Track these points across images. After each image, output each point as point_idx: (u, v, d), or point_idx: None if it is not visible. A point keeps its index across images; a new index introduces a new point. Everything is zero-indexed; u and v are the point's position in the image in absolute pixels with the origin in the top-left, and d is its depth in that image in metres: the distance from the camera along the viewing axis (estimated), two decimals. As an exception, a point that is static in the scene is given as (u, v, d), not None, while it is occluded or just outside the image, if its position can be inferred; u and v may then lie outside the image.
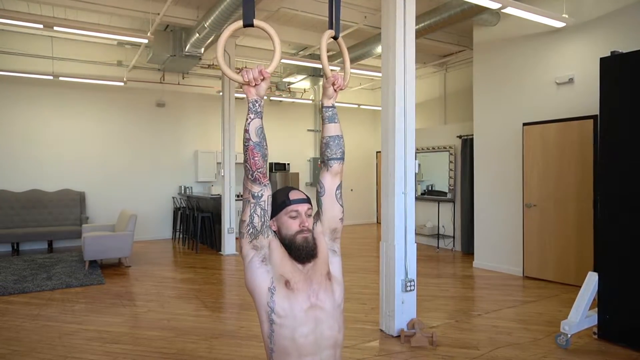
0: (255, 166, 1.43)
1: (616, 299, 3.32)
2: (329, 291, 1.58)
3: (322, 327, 1.54)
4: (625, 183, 3.30)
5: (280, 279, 1.51)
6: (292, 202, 1.57)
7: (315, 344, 1.52)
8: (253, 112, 1.44)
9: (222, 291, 5.11)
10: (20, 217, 7.52)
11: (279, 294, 1.51)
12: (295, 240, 1.54)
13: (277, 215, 1.58)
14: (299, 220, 1.56)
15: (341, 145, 1.69)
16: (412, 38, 3.67)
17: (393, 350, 3.30)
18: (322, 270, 1.59)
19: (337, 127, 1.68)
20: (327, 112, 1.68)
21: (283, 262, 1.53)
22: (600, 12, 4.84)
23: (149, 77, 8.72)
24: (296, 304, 1.51)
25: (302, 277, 1.55)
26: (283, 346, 1.51)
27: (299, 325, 1.50)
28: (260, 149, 1.44)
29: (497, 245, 5.92)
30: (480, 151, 6.20)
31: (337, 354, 1.59)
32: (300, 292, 1.52)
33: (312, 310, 1.53)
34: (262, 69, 1.40)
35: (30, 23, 5.37)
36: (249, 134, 1.43)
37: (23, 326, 3.82)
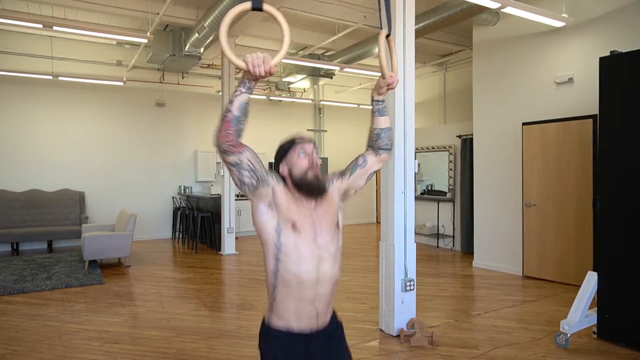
0: (224, 139, 1.42)
1: (616, 299, 3.32)
2: (335, 236, 1.67)
3: (325, 266, 1.62)
4: (624, 182, 3.30)
5: (287, 221, 1.57)
6: (299, 143, 1.67)
7: (316, 280, 1.60)
8: (246, 87, 1.42)
9: (221, 291, 5.11)
10: (19, 217, 7.51)
11: (285, 234, 1.57)
12: (306, 176, 1.61)
13: (286, 157, 1.66)
14: (308, 157, 1.63)
15: (391, 137, 1.82)
16: (411, 38, 3.67)
17: (393, 350, 3.30)
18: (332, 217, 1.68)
19: (387, 120, 1.80)
20: (378, 105, 1.78)
21: (289, 205, 1.59)
22: (599, 12, 4.85)
23: (148, 76, 8.72)
24: (302, 243, 1.57)
25: (308, 219, 1.61)
26: (286, 280, 1.58)
27: (303, 262, 1.57)
28: (236, 124, 1.43)
29: (496, 245, 5.93)
30: (479, 151, 6.20)
31: (334, 289, 1.69)
32: (307, 232, 1.59)
33: (318, 250, 1.60)
34: (271, 67, 1.36)
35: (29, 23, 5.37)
36: (232, 106, 1.41)
37: (23, 326, 3.82)
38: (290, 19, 6.99)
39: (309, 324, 1.62)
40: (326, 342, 1.67)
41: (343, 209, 1.77)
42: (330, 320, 1.70)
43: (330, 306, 1.69)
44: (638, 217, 3.22)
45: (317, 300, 1.61)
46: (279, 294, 1.61)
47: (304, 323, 1.61)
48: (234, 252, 7.21)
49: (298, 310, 1.60)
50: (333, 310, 1.74)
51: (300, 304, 1.59)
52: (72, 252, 7.32)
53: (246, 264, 6.50)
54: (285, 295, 1.60)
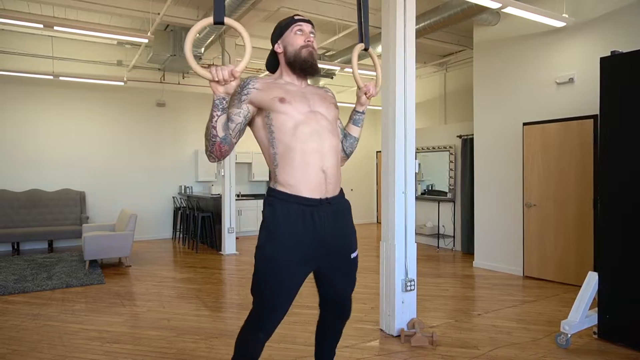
0: (222, 154, 1.52)
1: (616, 299, 3.32)
2: (330, 109, 1.69)
3: (324, 129, 1.61)
4: (625, 183, 3.30)
5: (273, 101, 1.57)
6: (297, 21, 1.69)
7: (319, 142, 1.57)
8: (220, 109, 1.47)
9: (222, 291, 5.11)
10: (20, 217, 7.52)
11: (274, 111, 1.57)
12: (300, 53, 1.63)
13: (283, 35, 1.68)
14: (304, 36, 1.66)
15: (353, 145, 1.87)
16: (412, 38, 3.67)
17: (393, 350, 3.30)
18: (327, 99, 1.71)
19: (358, 131, 1.87)
20: (356, 115, 1.86)
21: (272, 91, 1.59)
22: (600, 12, 4.84)
23: (149, 76, 8.72)
24: (293, 110, 1.58)
25: (298, 94, 1.61)
26: (286, 144, 1.55)
27: (299, 123, 1.57)
28: (226, 142, 1.50)
29: (497, 245, 5.92)
30: (480, 151, 6.20)
31: (338, 159, 1.67)
32: (298, 102, 1.59)
33: (313, 114, 1.61)
34: (232, 70, 1.41)
35: (30, 23, 5.37)
36: (216, 131, 1.47)
37: (23, 326, 3.82)
38: (290, 19, 6.99)
39: (318, 189, 1.58)
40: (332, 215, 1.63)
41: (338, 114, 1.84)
42: (339, 194, 1.69)
43: (338, 176, 1.66)
44: (639, 217, 3.22)
45: (324, 165, 1.57)
46: (281, 160, 1.57)
47: (314, 188, 1.57)
48: (235, 252, 7.21)
49: (305, 174, 1.55)
50: (341, 189, 1.73)
51: (307, 167, 1.55)
52: (73, 252, 7.32)
53: (247, 263, 6.50)
54: (288, 159, 1.55)
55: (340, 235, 1.67)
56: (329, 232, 1.62)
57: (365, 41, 1.78)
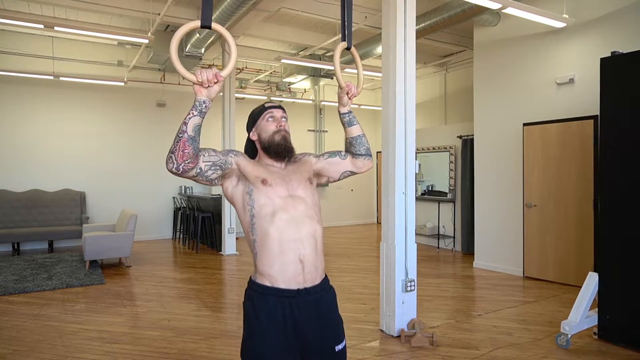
0: (182, 158, 1.44)
1: (616, 300, 3.32)
2: (308, 190, 1.68)
3: (302, 215, 1.61)
4: (625, 183, 3.30)
5: (256, 181, 1.60)
6: (267, 109, 1.72)
7: (295, 229, 1.58)
8: (197, 110, 1.47)
9: (222, 291, 5.11)
10: (20, 217, 7.52)
11: (256, 192, 1.59)
12: (274, 138, 1.66)
13: (256, 123, 1.72)
14: (276, 122, 1.69)
15: (364, 142, 1.83)
16: (412, 38, 3.67)
17: (393, 351, 3.30)
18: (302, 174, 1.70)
19: (357, 128, 1.84)
20: (345, 117, 1.83)
21: (257, 170, 1.63)
22: (600, 13, 4.84)
23: (149, 77, 8.73)
24: (274, 194, 1.59)
25: (278, 176, 1.64)
26: (264, 231, 1.57)
27: (278, 209, 1.58)
28: (192, 143, 1.46)
29: (497, 246, 5.92)
30: (480, 151, 6.20)
31: (317, 244, 1.64)
32: (278, 186, 1.61)
33: (291, 199, 1.61)
34: (217, 73, 1.43)
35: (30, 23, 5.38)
36: (186, 127, 1.45)
37: (24, 326, 3.82)
38: (290, 19, 7.00)
39: (295, 280, 1.56)
40: (312, 306, 1.60)
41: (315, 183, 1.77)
42: (320, 282, 1.64)
43: (318, 265, 1.63)
44: (639, 218, 3.22)
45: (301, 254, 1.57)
46: (259, 248, 1.57)
47: (290, 280, 1.55)
48: (235, 252, 7.21)
49: (282, 265, 1.55)
50: (325, 275, 1.69)
51: (284, 258, 1.55)
52: (73, 252, 7.32)
53: (247, 264, 6.50)
54: (266, 248, 1.56)
55: (323, 327, 1.63)
56: (311, 325, 1.59)
57: (348, 40, 1.77)
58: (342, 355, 1.70)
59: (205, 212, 7.76)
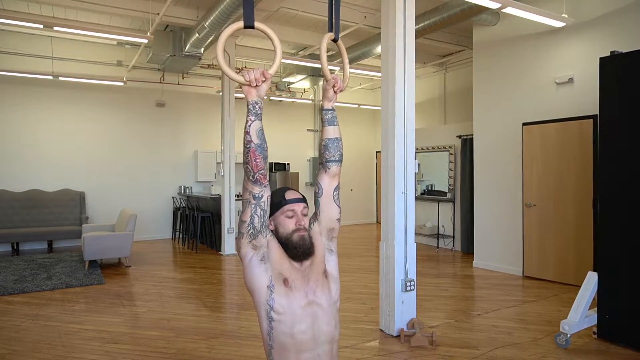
0: (257, 168, 1.45)
1: (616, 299, 3.32)
2: (325, 288, 1.62)
3: (320, 323, 1.57)
4: (624, 183, 3.30)
5: (278, 277, 1.55)
6: (288, 202, 1.62)
7: (312, 340, 1.55)
8: (254, 114, 1.45)
9: (221, 291, 5.11)
10: (20, 217, 7.52)
11: (277, 292, 1.54)
12: (292, 238, 1.57)
13: (274, 215, 1.63)
14: (295, 219, 1.60)
15: (339, 147, 1.73)
16: (411, 38, 3.67)
17: (393, 350, 3.30)
18: (318, 269, 1.62)
19: (335, 130, 1.73)
20: (327, 114, 1.72)
21: (281, 261, 1.57)
22: (599, 12, 4.85)
23: (148, 77, 8.72)
24: (294, 301, 1.54)
25: (299, 275, 1.58)
26: (282, 342, 1.54)
27: (297, 321, 1.54)
28: (261, 151, 1.45)
29: (496, 245, 5.93)
30: (480, 151, 6.21)
31: (333, 349, 1.62)
32: (299, 290, 1.56)
33: (310, 307, 1.56)
34: (264, 71, 1.41)
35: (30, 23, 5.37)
36: (250, 136, 1.43)
37: (23, 326, 3.82)
38: (290, 19, 6.99)
39: None
40: None
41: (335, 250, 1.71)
42: None
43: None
44: (638, 217, 3.22)
45: None
46: (275, 355, 1.56)
47: None
48: (234, 252, 7.21)
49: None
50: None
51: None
52: (73, 252, 7.32)
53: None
54: (282, 357, 1.55)
55: None
56: None
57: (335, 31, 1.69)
58: None
59: (205, 212, 7.76)
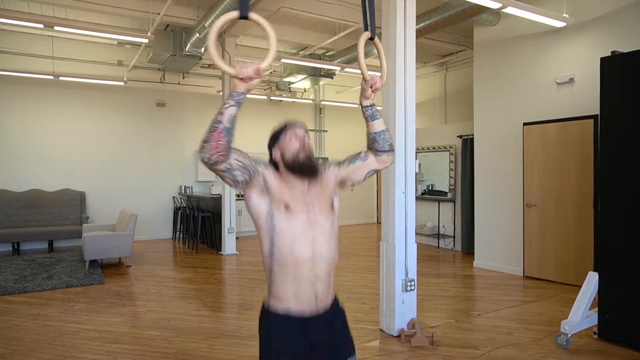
0: (216, 149, 1.42)
1: (616, 299, 3.32)
2: (329, 217, 1.68)
3: (320, 245, 1.62)
4: (625, 183, 3.30)
5: (279, 203, 1.59)
6: (290, 127, 1.69)
7: (312, 260, 1.60)
8: (234, 100, 1.44)
9: (222, 291, 5.11)
10: (20, 217, 7.52)
11: (278, 216, 1.59)
12: (298, 158, 1.63)
13: (278, 142, 1.69)
14: (299, 141, 1.66)
15: (387, 138, 1.79)
16: (412, 38, 3.67)
17: (393, 350, 3.30)
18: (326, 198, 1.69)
19: (380, 123, 1.78)
20: (368, 110, 1.76)
21: (281, 189, 1.61)
22: (600, 12, 4.84)
23: (149, 76, 8.72)
24: (295, 222, 1.59)
25: (301, 200, 1.63)
26: (282, 261, 1.59)
27: (297, 240, 1.58)
28: (227, 135, 1.44)
29: (497, 245, 5.92)
30: (480, 151, 6.20)
31: (332, 273, 1.68)
32: (300, 213, 1.61)
33: (311, 229, 1.61)
34: (257, 68, 1.40)
35: (30, 23, 5.37)
36: (222, 117, 1.43)
37: (23, 326, 3.82)
38: (290, 19, 6.99)
39: (308, 306, 1.61)
40: (326, 328, 1.66)
41: (339, 195, 1.77)
42: (331, 304, 1.70)
43: (330, 289, 1.68)
44: (638, 217, 3.22)
45: (315, 282, 1.61)
46: (275, 276, 1.61)
47: (303, 305, 1.60)
48: (235, 252, 7.21)
49: (296, 291, 1.59)
50: (335, 296, 1.74)
51: (298, 285, 1.59)
52: (73, 252, 7.32)
53: (247, 264, 6.50)
54: (282, 276, 1.60)
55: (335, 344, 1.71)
56: (323, 344, 1.65)
57: (372, 30, 1.70)
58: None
59: (205, 212, 7.76)
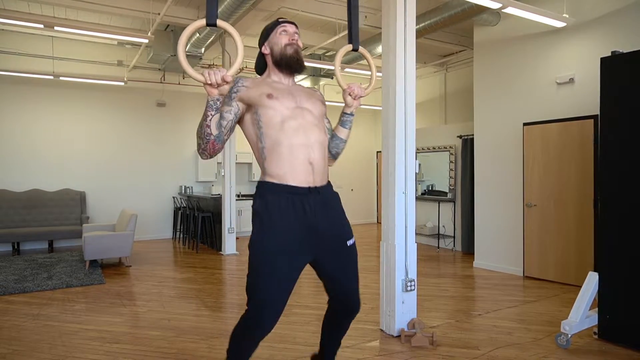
0: (215, 151, 1.60)
1: (617, 299, 3.32)
2: (317, 106, 1.72)
3: (310, 124, 1.66)
4: (625, 183, 3.29)
5: (261, 97, 1.63)
6: (281, 23, 1.75)
7: (304, 135, 1.63)
8: (214, 109, 1.53)
9: (222, 291, 5.11)
10: (20, 217, 7.52)
11: (262, 108, 1.62)
12: (286, 51, 1.69)
13: (269, 37, 1.74)
14: (288, 35, 1.71)
15: (339, 146, 1.87)
16: (412, 38, 3.67)
17: (393, 350, 3.30)
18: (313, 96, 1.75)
19: (345, 133, 1.87)
20: (343, 117, 1.86)
21: (259, 88, 1.66)
22: (600, 12, 4.84)
23: (149, 76, 8.72)
24: (281, 105, 1.63)
25: (285, 91, 1.68)
26: (274, 139, 1.61)
27: (287, 118, 1.62)
28: (219, 140, 1.57)
29: (497, 245, 5.92)
30: (480, 151, 6.20)
31: (325, 152, 1.71)
32: (285, 98, 1.65)
33: (299, 110, 1.66)
34: (224, 75, 1.45)
35: (30, 23, 5.37)
36: (210, 129, 1.54)
37: (23, 326, 3.82)
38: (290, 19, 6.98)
39: (305, 179, 1.62)
40: (321, 204, 1.67)
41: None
42: (327, 184, 1.73)
43: (325, 170, 1.71)
44: (639, 217, 3.21)
45: (310, 157, 1.62)
46: (269, 153, 1.63)
47: (300, 177, 1.61)
48: (235, 252, 7.21)
49: (292, 165, 1.60)
50: (329, 181, 1.77)
51: (294, 159, 1.60)
52: (73, 252, 7.32)
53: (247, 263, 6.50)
54: (275, 152, 1.61)
55: (333, 222, 1.70)
56: (321, 220, 1.64)
57: (354, 41, 1.78)
58: (353, 250, 1.78)
59: (205, 212, 7.76)
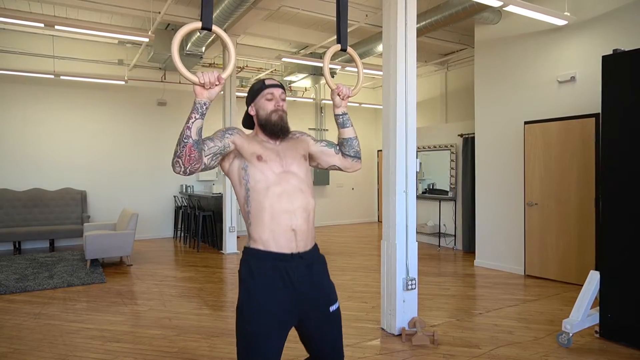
0: (189, 162, 1.49)
1: (618, 298, 3.31)
2: (302, 166, 1.74)
3: (294, 189, 1.67)
4: (627, 181, 3.29)
5: (252, 157, 1.66)
6: (267, 87, 1.75)
7: (289, 202, 1.64)
8: (199, 113, 1.50)
9: (223, 290, 5.11)
10: (21, 216, 7.53)
11: (252, 167, 1.65)
12: (271, 117, 1.70)
13: (255, 100, 1.76)
14: (274, 101, 1.72)
15: (354, 145, 1.87)
16: (413, 36, 3.66)
17: (394, 349, 3.30)
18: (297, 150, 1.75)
19: (350, 131, 1.86)
20: (338, 119, 1.85)
21: (252, 146, 1.68)
22: (602, 10, 4.83)
23: (150, 76, 8.72)
24: (269, 170, 1.66)
25: (273, 152, 1.70)
26: (258, 203, 1.63)
27: (272, 184, 1.64)
28: (197, 147, 1.50)
29: (498, 244, 5.92)
30: (481, 150, 6.19)
31: (310, 216, 1.71)
32: (273, 161, 1.68)
33: (285, 174, 1.67)
34: (219, 75, 1.46)
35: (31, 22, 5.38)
36: (190, 132, 1.48)
37: (25, 325, 3.82)
38: (291, 18, 6.99)
39: (288, 246, 1.63)
40: (305, 270, 1.67)
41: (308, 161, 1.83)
42: (311, 249, 1.72)
43: (309, 233, 1.70)
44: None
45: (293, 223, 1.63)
46: (253, 218, 1.64)
47: (283, 244, 1.62)
48: (236, 251, 7.21)
49: (275, 233, 1.61)
50: (315, 244, 1.76)
51: (276, 226, 1.61)
52: (74, 251, 7.33)
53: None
54: (259, 218, 1.62)
55: (317, 288, 1.70)
56: (305, 285, 1.65)
57: (343, 42, 1.77)
58: (336, 316, 1.77)
59: (206, 211, 7.76)
